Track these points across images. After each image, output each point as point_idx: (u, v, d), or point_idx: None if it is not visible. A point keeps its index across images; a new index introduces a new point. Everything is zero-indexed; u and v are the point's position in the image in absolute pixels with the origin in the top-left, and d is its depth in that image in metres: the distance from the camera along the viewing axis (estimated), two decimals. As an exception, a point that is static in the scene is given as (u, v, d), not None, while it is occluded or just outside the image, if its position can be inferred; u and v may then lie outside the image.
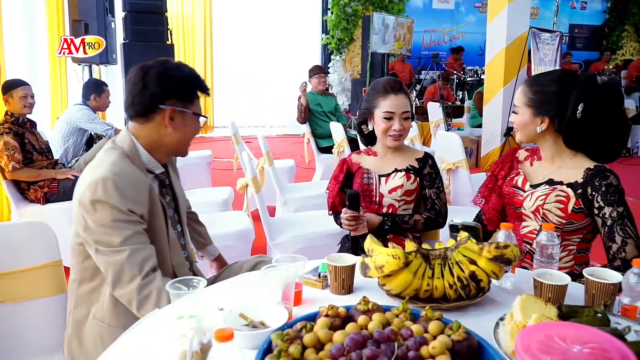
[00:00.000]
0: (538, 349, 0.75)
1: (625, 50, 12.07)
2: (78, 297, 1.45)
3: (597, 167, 1.61)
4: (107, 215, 1.31)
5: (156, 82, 1.43)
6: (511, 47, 5.02)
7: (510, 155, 1.86)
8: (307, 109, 5.05)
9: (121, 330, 1.38)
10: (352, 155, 2.13)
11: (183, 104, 1.47)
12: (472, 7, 11.30)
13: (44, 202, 3.27)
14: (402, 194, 1.96)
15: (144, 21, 6.39)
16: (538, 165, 1.75)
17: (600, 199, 1.56)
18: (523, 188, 1.71)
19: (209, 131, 9.65)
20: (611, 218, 1.54)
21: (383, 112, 1.94)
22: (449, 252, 1.22)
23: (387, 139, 1.97)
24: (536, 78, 1.69)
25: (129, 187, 1.35)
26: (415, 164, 2.01)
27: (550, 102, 1.61)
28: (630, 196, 5.36)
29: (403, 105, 1.95)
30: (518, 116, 1.68)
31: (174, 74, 1.46)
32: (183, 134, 1.50)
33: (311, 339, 0.87)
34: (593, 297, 1.17)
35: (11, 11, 4.75)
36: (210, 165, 4.67)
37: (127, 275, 1.31)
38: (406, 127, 1.96)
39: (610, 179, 1.57)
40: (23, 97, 3.29)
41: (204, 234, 1.96)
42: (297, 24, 10.04)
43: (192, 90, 1.50)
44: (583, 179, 1.60)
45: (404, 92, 1.97)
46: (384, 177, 1.99)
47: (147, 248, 1.37)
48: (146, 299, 1.31)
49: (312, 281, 1.30)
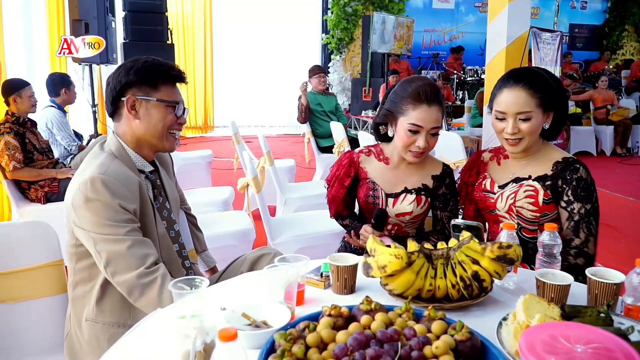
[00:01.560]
0: (542, 349, 0.74)
1: (625, 50, 12.07)
2: (74, 300, 1.47)
3: (565, 159, 1.63)
4: (100, 213, 1.31)
5: (114, 76, 1.46)
6: (512, 47, 5.02)
7: (476, 159, 1.85)
8: (307, 108, 5.05)
9: (112, 326, 1.40)
10: (360, 156, 1.85)
11: (144, 92, 1.46)
12: (472, 6, 11.30)
13: (44, 202, 3.27)
14: (411, 218, 1.78)
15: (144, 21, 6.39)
16: (505, 164, 1.75)
17: (570, 192, 1.58)
18: (492, 190, 1.72)
19: (209, 131, 9.65)
20: (579, 214, 1.56)
21: (409, 124, 1.65)
22: (451, 252, 1.22)
23: (407, 154, 1.71)
24: (525, 78, 1.60)
25: (118, 184, 1.36)
26: (429, 182, 1.78)
27: (553, 96, 1.62)
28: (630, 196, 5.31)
29: (434, 120, 1.66)
30: (531, 122, 1.58)
31: (130, 65, 1.46)
32: (151, 124, 1.47)
33: (314, 339, 0.87)
34: (596, 297, 1.16)
35: (11, 11, 4.74)
36: (211, 165, 4.67)
37: (129, 263, 1.32)
38: (431, 144, 1.70)
39: (580, 172, 1.58)
40: (31, 97, 3.32)
41: (201, 239, 1.97)
42: (297, 23, 10.04)
43: (152, 77, 1.46)
44: (553, 171, 1.62)
45: (438, 103, 1.67)
46: (391, 198, 1.77)
47: (146, 241, 1.38)
48: (149, 285, 1.32)
49: (314, 281, 1.30)
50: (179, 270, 1.55)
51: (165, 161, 1.72)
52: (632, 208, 4.97)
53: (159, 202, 1.56)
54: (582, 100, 8.18)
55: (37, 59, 5.40)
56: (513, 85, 1.60)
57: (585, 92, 8.33)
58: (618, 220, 4.44)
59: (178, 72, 1.52)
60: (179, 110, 1.51)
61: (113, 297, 1.41)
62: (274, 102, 9.98)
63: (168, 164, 1.74)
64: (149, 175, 1.54)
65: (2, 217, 3.67)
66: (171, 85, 1.51)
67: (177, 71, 1.52)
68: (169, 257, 1.52)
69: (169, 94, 1.49)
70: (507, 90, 1.61)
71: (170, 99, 1.49)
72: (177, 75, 1.51)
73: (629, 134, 7.86)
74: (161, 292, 1.31)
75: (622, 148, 7.83)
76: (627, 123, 7.81)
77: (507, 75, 1.64)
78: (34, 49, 5.40)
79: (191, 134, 9.48)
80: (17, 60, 4.92)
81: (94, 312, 1.42)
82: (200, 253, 1.95)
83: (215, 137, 9.38)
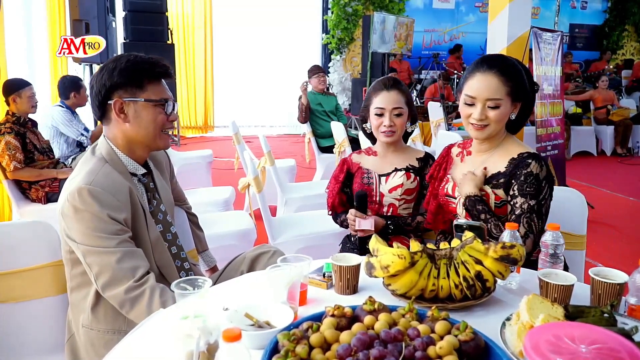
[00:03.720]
0: (547, 349, 0.74)
1: (625, 50, 12.07)
2: (72, 305, 1.47)
3: (521, 154, 1.59)
4: (89, 225, 1.30)
5: (97, 80, 1.42)
6: (512, 47, 5.01)
7: (445, 155, 1.82)
8: (307, 108, 5.04)
9: (107, 333, 1.39)
10: (352, 155, 2.12)
11: (130, 93, 1.41)
12: (473, 6, 11.29)
13: (45, 202, 3.27)
14: (402, 192, 1.95)
15: (144, 21, 6.40)
16: (467, 161, 1.72)
17: (516, 187, 1.55)
18: (453, 195, 1.70)
19: (210, 131, 9.65)
20: (521, 209, 1.52)
21: (374, 109, 1.94)
22: (454, 252, 1.22)
23: (379, 135, 1.97)
24: (499, 65, 1.57)
25: (106, 194, 1.33)
26: (415, 163, 2.00)
27: (524, 87, 1.61)
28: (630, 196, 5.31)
29: (394, 101, 1.92)
30: (500, 110, 1.57)
31: (113, 66, 1.41)
32: (142, 126, 1.43)
33: (318, 339, 0.87)
34: (599, 297, 1.16)
35: (12, 11, 4.74)
36: (211, 165, 4.66)
37: (118, 277, 1.31)
38: (397, 124, 1.93)
39: (530, 167, 1.54)
40: (31, 97, 3.32)
41: (202, 239, 1.95)
42: (298, 23, 10.03)
43: (137, 77, 1.41)
44: (506, 168, 1.59)
45: (397, 88, 1.95)
46: (384, 177, 1.98)
47: (136, 252, 1.36)
48: (137, 298, 1.30)
49: (316, 281, 1.29)
50: (175, 274, 1.53)
51: (159, 162, 1.67)
52: (633, 208, 4.97)
53: (152, 205, 1.53)
54: (583, 100, 8.18)
55: (37, 59, 5.41)
56: (486, 70, 1.57)
57: (585, 92, 8.34)
58: (618, 220, 4.45)
59: (163, 67, 1.46)
60: (169, 108, 1.47)
61: (107, 305, 1.39)
62: (275, 102, 9.97)
63: (162, 164, 1.69)
64: (142, 178, 1.52)
65: (2, 217, 3.66)
66: (157, 82, 1.45)
67: (162, 66, 1.45)
68: (163, 262, 1.50)
69: (157, 92, 1.44)
70: (479, 74, 1.58)
71: (158, 98, 1.44)
72: (163, 71, 1.46)
73: (630, 134, 7.86)
74: (150, 304, 1.29)
75: (623, 148, 7.83)
76: (627, 123, 7.80)
77: (481, 60, 1.61)
78: (35, 49, 5.40)
79: (191, 134, 9.47)
80: (18, 61, 4.93)
81: (89, 319, 1.41)
82: (200, 253, 1.95)
83: (216, 137, 9.37)
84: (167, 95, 1.47)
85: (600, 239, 3.87)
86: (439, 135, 5.37)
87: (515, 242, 1.21)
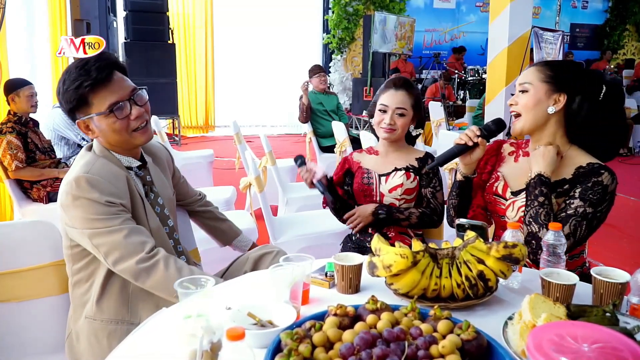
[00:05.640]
0: (550, 348, 0.74)
1: (626, 50, 12.07)
2: (74, 300, 1.47)
3: (591, 164, 1.46)
4: (89, 210, 1.32)
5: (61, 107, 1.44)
6: (513, 47, 5.02)
7: (496, 149, 1.70)
8: (308, 108, 5.05)
9: (110, 323, 1.41)
10: (353, 153, 2.14)
11: (83, 112, 1.40)
12: (473, 6, 11.30)
13: (46, 201, 3.27)
14: (402, 192, 1.95)
15: (145, 20, 6.40)
16: (524, 162, 1.60)
17: (579, 191, 1.43)
18: (504, 196, 1.59)
19: (210, 131, 9.66)
20: (575, 210, 1.41)
21: (379, 105, 1.98)
22: (456, 251, 1.22)
23: (379, 131, 1.99)
24: (550, 61, 1.54)
25: (104, 181, 1.35)
26: (415, 163, 2.00)
27: (574, 78, 1.47)
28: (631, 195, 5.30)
29: (399, 101, 1.94)
30: (528, 94, 1.49)
31: (60, 91, 1.39)
32: (108, 135, 1.42)
33: (321, 338, 0.87)
34: (601, 296, 1.16)
35: (14, 10, 4.75)
36: (212, 165, 4.67)
37: (129, 251, 1.33)
38: (399, 123, 1.94)
39: (602, 177, 1.43)
40: (29, 97, 3.31)
41: (226, 229, 1.95)
42: (298, 23, 10.04)
43: (79, 95, 1.36)
44: (572, 175, 1.47)
45: (405, 89, 1.96)
46: (384, 177, 1.99)
47: (142, 229, 1.39)
48: (153, 267, 1.33)
49: (319, 280, 1.30)
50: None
51: (159, 158, 1.66)
52: (634, 207, 4.97)
53: (150, 198, 1.55)
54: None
55: (39, 59, 5.41)
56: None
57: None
58: (619, 220, 4.44)
59: (101, 69, 1.35)
60: (121, 112, 1.39)
61: (112, 295, 1.42)
62: (276, 101, 9.98)
63: (163, 160, 1.68)
64: (138, 172, 1.53)
65: (4, 216, 3.67)
66: (102, 89, 1.37)
67: (100, 69, 1.35)
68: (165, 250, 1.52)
69: (103, 100, 1.37)
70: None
71: (106, 107, 1.37)
72: (104, 75, 1.36)
73: (630, 133, 7.86)
74: (167, 271, 1.32)
75: (623, 148, 7.83)
76: (628, 123, 7.81)
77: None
78: (36, 49, 5.40)
79: (192, 133, 9.48)
80: (19, 60, 4.93)
81: (93, 310, 1.42)
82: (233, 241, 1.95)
83: (217, 137, 9.38)
84: (114, 99, 1.38)
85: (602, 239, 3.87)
86: (440, 135, 5.37)
87: (517, 241, 1.21)
